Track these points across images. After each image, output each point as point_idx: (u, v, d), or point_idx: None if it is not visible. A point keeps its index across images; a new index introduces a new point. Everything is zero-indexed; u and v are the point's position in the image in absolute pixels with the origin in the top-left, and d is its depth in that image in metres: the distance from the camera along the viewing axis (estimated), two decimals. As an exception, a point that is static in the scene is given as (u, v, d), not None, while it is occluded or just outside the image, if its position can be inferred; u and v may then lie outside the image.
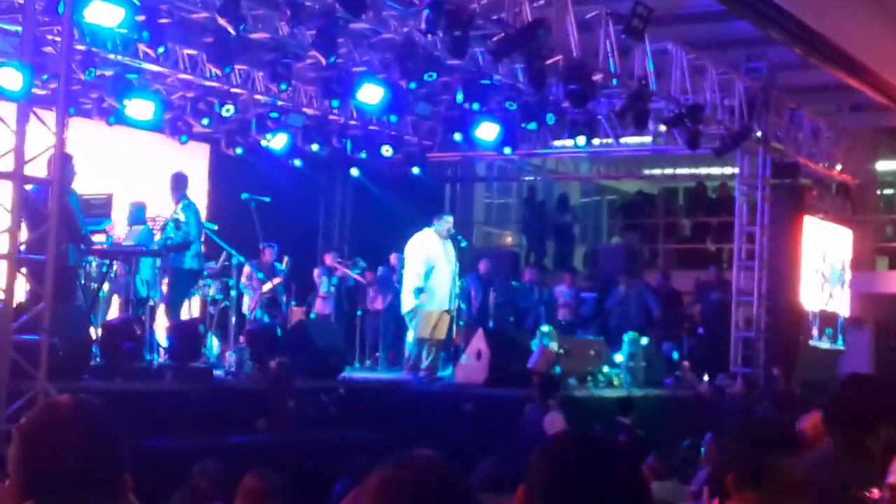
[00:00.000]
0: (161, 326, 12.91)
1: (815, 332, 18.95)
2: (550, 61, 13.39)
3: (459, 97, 14.67)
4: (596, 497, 2.40)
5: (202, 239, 13.13)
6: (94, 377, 10.20)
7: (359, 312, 16.68)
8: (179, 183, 13.13)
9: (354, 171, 18.94)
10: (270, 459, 8.04)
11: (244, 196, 13.84)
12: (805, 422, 5.59)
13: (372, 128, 17.64)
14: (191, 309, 14.01)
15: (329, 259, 16.98)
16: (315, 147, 17.20)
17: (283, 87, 14.35)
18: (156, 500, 6.29)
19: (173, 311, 12.87)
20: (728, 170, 20.12)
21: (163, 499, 7.31)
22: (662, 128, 16.76)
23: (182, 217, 12.67)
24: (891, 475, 3.84)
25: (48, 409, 2.59)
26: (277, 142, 16.77)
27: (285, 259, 15.27)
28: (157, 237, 12.71)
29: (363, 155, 17.91)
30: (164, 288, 13.03)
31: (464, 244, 14.45)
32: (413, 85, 13.67)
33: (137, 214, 13.06)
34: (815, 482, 3.50)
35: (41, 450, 2.51)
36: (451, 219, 14.44)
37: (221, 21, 11.78)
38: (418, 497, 2.41)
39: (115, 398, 9.26)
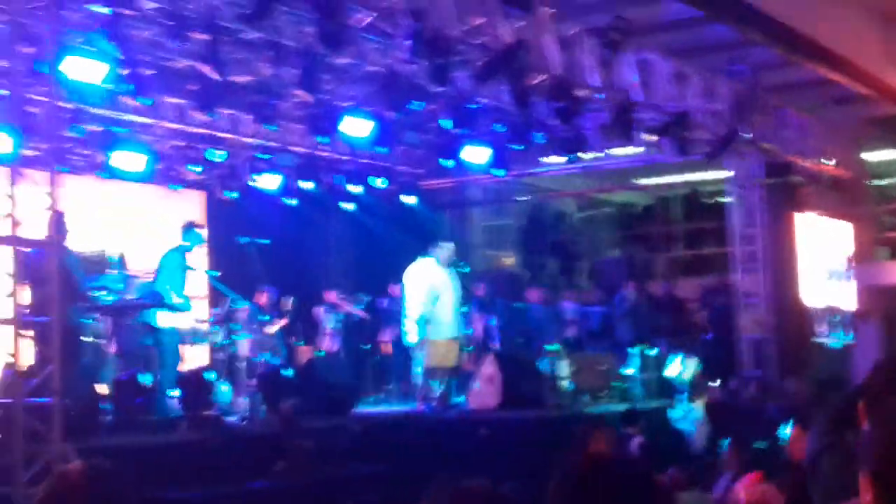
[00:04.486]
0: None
1: (823, 328, 18.92)
2: (534, 81, 13.40)
3: (447, 123, 14.69)
4: None
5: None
6: (109, 434, 10.16)
7: (367, 346, 16.64)
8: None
9: (347, 206, 18.91)
10: (291, 501, 8.01)
11: (243, 240, 13.81)
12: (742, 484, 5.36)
13: (363, 161, 17.66)
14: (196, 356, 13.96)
15: (332, 296, 16.93)
16: (309, 185, 17.22)
17: (272, 127, 14.36)
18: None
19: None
20: (722, 174, 20.11)
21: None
22: (651, 137, 16.76)
23: None
24: None
25: (59, 479, 2.72)
26: (271, 182, 16.78)
27: (290, 300, 15.17)
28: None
29: (357, 189, 17.92)
30: None
31: (466, 270, 14.43)
32: (398, 114, 13.69)
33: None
34: None
35: None
36: (451, 246, 14.41)
37: (203, 68, 11.78)
38: None
39: (132, 454, 9.24)
